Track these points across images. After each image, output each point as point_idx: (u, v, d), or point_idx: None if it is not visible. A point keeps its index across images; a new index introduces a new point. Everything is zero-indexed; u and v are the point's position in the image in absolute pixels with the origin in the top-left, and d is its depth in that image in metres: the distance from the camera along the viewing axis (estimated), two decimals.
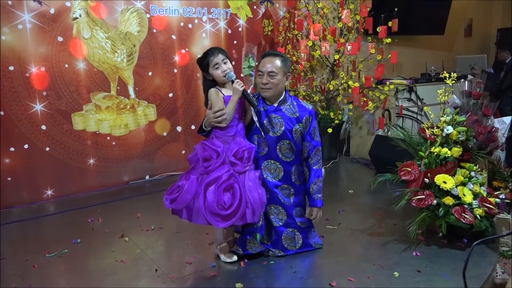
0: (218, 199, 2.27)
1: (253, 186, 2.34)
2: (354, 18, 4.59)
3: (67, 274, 2.50)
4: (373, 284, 2.25)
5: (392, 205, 2.88)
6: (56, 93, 3.76)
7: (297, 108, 2.56)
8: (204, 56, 2.44)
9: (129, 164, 4.23)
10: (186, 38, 4.41)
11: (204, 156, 2.36)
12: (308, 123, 2.57)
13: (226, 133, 2.40)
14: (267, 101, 2.55)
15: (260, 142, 2.55)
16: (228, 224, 2.32)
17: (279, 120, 2.52)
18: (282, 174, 2.57)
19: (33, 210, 3.60)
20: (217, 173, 2.32)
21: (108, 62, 3.99)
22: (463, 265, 2.42)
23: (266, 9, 4.96)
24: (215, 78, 2.42)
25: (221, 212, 2.27)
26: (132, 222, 3.25)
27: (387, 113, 4.81)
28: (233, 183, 2.32)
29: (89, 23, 3.84)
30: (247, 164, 2.38)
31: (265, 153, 2.55)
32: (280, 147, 2.54)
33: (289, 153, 2.55)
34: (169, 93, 4.38)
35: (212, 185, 2.30)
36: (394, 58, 4.52)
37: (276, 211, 2.57)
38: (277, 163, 2.56)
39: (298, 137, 2.55)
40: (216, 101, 2.38)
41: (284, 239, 2.58)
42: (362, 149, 5.04)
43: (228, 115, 2.35)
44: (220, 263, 2.53)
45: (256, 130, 2.54)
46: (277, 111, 2.53)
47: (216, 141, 2.39)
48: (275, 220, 2.56)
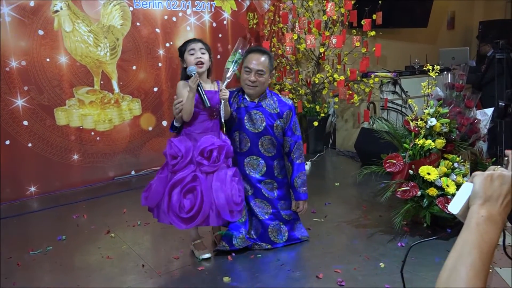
0: (180, 202, 2.29)
1: (220, 187, 2.32)
2: (339, 11, 4.59)
3: (52, 271, 2.47)
4: (360, 275, 2.28)
5: (378, 197, 2.92)
6: (38, 88, 3.69)
7: (278, 103, 2.57)
8: (185, 42, 2.43)
9: (114, 160, 4.19)
10: (171, 32, 4.36)
11: (170, 153, 2.37)
12: (289, 118, 2.58)
13: (194, 129, 2.38)
14: (247, 96, 2.55)
15: (242, 139, 2.55)
16: (190, 227, 2.35)
17: (260, 116, 2.52)
18: (265, 169, 2.58)
19: (16, 207, 3.54)
20: (182, 174, 2.31)
21: (91, 56, 3.93)
22: (446, 255, 2.47)
23: (251, 2, 4.93)
24: (188, 64, 2.38)
25: (182, 215, 2.29)
26: (118, 218, 3.22)
27: (372, 105, 4.85)
28: (196, 185, 2.31)
29: (70, 16, 3.76)
30: (216, 164, 2.35)
31: (247, 149, 2.55)
32: (262, 142, 2.55)
33: (271, 148, 2.57)
34: (154, 87, 4.34)
35: (177, 186, 2.30)
36: (379, 51, 4.55)
37: (261, 205, 2.59)
38: (259, 158, 2.57)
39: (279, 132, 2.56)
40: (180, 93, 2.36)
41: (270, 232, 2.59)
42: (347, 142, 5.08)
43: (185, 111, 2.31)
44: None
45: (237, 126, 2.54)
46: (258, 107, 2.53)
47: (182, 139, 2.37)
48: (260, 214, 2.58)
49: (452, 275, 0.70)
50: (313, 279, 2.27)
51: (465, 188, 0.81)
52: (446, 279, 0.71)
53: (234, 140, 2.54)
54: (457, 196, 0.81)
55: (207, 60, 2.39)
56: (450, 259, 0.73)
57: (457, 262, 0.71)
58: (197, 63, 2.34)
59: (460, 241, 0.74)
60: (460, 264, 0.71)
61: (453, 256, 0.73)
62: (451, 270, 0.71)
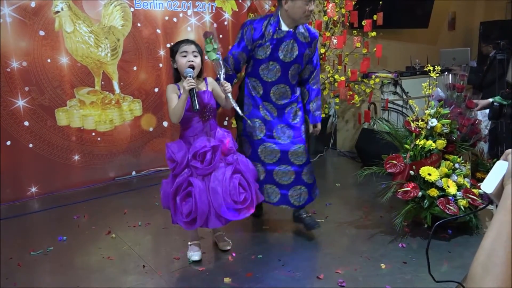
0: (181, 207, 2.34)
1: (217, 188, 2.32)
2: (340, 11, 4.59)
3: (53, 272, 2.47)
4: (360, 276, 2.28)
5: (378, 198, 2.91)
6: (39, 89, 3.69)
7: (308, 33, 2.67)
8: (177, 42, 2.39)
9: (115, 160, 4.19)
10: (171, 32, 4.36)
11: (167, 157, 2.39)
12: (315, 47, 2.72)
13: (188, 133, 2.38)
14: (284, 26, 2.59)
15: (272, 69, 2.63)
16: (193, 229, 2.40)
17: (294, 45, 2.61)
18: (290, 94, 2.72)
19: (17, 207, 3.54)
20: (179, 180, 2.34)
21: (91, 57, 3.93)
22: (448, 255, 2.47)
23: (252, 2, 4.93)
24: (178, 66, 2.33)
25: (183, 219, 2.34)
26: (119, 219, 3.22)
27: (373, 106, 4.85)
28: (191, 190, 2.32)
29: (71, 17, 3.76)
30: (210, 166, 2.33)
31: (276, 79, 2.65)
32: (291, 71, 2.67)
33: (296, 76, 2.72)
34: (155, 88, 4.34)
35: (178, 192, 2.35)
36: (380, 51, 4.55)
37: (284, 171, 2.71)
38: (286, 86, 2.69)
39: (306, 60, 2.70)
40: (169, 97, 2.34)
41: (290, 196, 2.73)
42: (348, 143, 5.08)
43: (174, 113, 2.28)
44: (208, 258, 2.54)
45: (269, 57, 2.61)
46: (292, 36, 2.60)
47: (178, 144, 2.38)
48: (284, 179, 2.72)
49: (491, 256, 0.70)
50: (313, 280, 2.27)
51: (500, 166, 0.76)
52: (484, 260, 0.70)
53: (262, 70, 2.64)
54: (490, 174, 0.77)
55: (198, 64, 2.33)
56: (487, 239, 0.72)
57: (495, 243, 0.70)
58: (188, 67, 2.28)
59: (496, 222, 0.72)
60: (499, 245, 0.70)
61: (490, 236, 0.72)
62: (489, 251, 0.70)
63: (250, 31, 2.60)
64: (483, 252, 0.71)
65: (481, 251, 0.72)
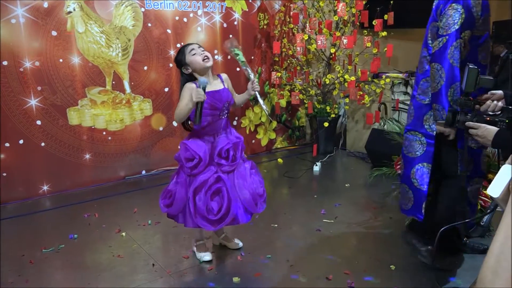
0: (207, 204, 2.27)
1: (243, 184, 2.34)
2: (350, 11, 4.57)
3: (64, 269, 2.50)
4: (369, 277, 2.27)
5: (388, 198, 2.90)
6: (51, 88, 3.73)
7: None
8: (178, 51, 2.35)
9: (125, 159, 4.22)
10: (182, 32, 4.38)
11: (186, 156, 2.32)
12: None
13: (207, 131, 2.35)
14: None
15: None
16: (218, 228, 2.33)
17: None
18: None
19: (29, 205, 3.59)
20: (204, 177, 2.28)
21: (103, 57, 3.97)
22: (459, 257, 2.44)
23: (262, 2, 4.93)
24: (194, 65, 2.29)
25: (210, 217, 2.26)
26: (128, 217, 3.25)
27: (383, 106, 4.82)
28: (221, 187, 2.29)
29: (83, 17, 3.80)
30: (234, 162, 2.35)
31: None
32: None
33: None
34: (165, 88, 4.36)
35: (201, 190, 2.28)
36: (390, 51, 4.52)
37: None
38: None
39: None
40: (182, 95, 2.28)
41: None
42: (358, 143, 5.05)
43: (178, 115, 2.27)
44: (216, 258, 2.54)
45: None
46: None
47: (197, 142, 2.33)
48: None
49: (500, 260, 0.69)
50: (322, 281, 2.26)
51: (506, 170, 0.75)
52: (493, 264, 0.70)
53: None
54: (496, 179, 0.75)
55: (209, 55, 2.33)
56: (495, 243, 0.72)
57: (503, 247, 0.70)
58: (203, 59, 2.28)
59: (504, 226, 0.72)
60: (508, 248, 0.69)
61: (498, 240, 0.71)
62: (498, 255, 0.70)
63: None
64: (491, 257, 0.71)
65: (490, 255, 0.71)
